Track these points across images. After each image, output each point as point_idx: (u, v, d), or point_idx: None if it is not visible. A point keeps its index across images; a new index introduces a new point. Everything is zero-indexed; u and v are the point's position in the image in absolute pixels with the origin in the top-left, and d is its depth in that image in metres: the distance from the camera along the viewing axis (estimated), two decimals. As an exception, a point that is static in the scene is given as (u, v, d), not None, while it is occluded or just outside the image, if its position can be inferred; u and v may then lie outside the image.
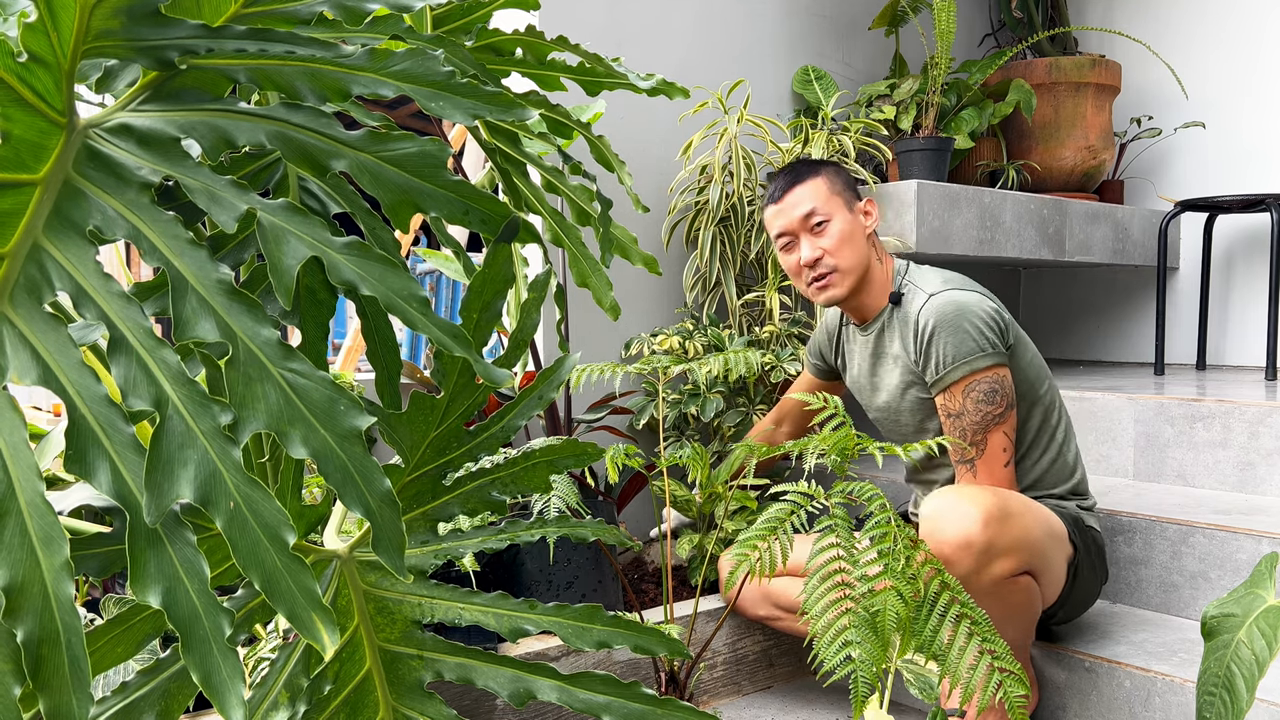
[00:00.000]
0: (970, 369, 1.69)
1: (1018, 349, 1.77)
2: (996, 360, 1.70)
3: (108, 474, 0.59)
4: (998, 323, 1.73)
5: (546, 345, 2.44)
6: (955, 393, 1.72)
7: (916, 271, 1.86)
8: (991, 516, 1.53)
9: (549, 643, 1.77)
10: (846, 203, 1.85)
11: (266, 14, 0.74)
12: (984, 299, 1.74)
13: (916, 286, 1.81)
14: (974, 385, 1.70)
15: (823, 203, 1.83)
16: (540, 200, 1.07)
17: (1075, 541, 1.71)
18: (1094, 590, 1.79)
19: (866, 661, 1.10)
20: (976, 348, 1.69)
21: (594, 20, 2.51)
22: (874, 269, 1.86)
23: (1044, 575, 1.64)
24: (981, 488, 1.61)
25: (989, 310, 1.73)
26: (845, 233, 1.83)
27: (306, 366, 0.62)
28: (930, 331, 1.73)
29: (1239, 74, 3.33)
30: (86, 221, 0.65)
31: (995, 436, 1.71)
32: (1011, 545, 1.55)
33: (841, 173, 1.87)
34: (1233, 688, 0.92)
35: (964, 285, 1.78)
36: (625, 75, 0.97)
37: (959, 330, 1.70)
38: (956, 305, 1.72)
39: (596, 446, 1.02)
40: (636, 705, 0.91)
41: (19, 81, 0.64)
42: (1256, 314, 3.30)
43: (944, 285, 1.77)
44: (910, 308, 1.79)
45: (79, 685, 0.55)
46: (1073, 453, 1.84)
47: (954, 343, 1.70)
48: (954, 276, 1.80)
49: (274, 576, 0.59)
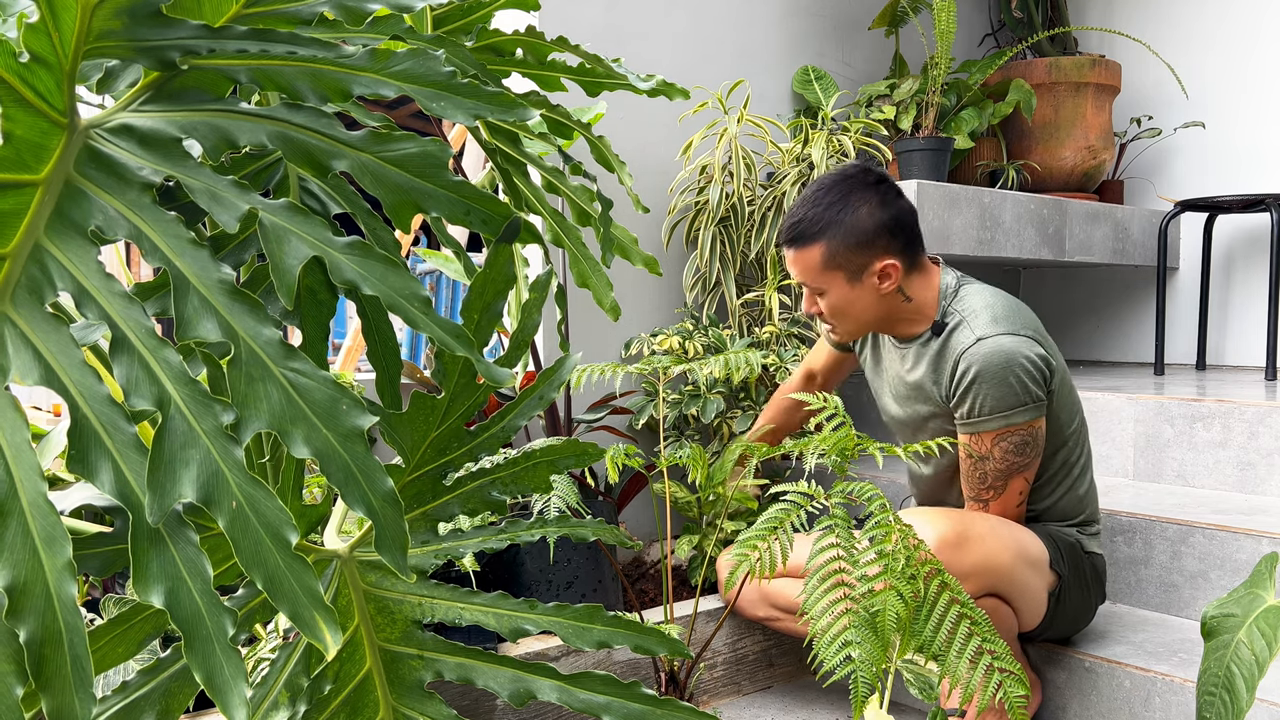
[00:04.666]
0: (1007, 422, 1.62)
1: (1057, 393, 1.69)
2: (1034, 415, 1.62)
3: (110, 474, 0.59)
4: (1043, 373, 1.63)
5: (547, 345, 2.44)
6: (985, 439, 1.64)
7: (968, 297, 1.70)
8: (945, 542, 1.52)
9: (549, 643, 1.77)
10: (850, 273, 1.66)
11: (268, 14, 0.74)
12: (1033, 344, 1.63)
13: (965, 321, 1.66)
14: (1007, 436, 1.63)
15: (814, 277, 1.68)
16: (541, 201, 1.07)
17: (1060, 569, 1.68)
18: (1085, 614, 1.76)
19: (866, 662, 1.10)
20: (1018, 402, 1.61)
21: (593, 20, 2.51)
22: (898, 313, 1.73)
23: (1017, 600, 1.62)
24: (943, 512, 1.60)
25: (1036, 359, 1.62)
26: (841, 305, 1.69)
27: (308, 366, 0.62)
28: (972, 379, 1.62)
29: (1239, 74, 3.33)
30: (88, 222, 0.65)
31: (1016, 482, 1.66)
32: (969, 570, 1.54)
33: (851, 233, 1.64)
34: (1233, 688, 0.92)
35: (1014, 327, 1.64)
36: (625, 76, 0.97)
37: (1003, 383, 1.60)
38: (1005, 355, 1.60)
39: (597, 446, 1.02)
40: (636, 705, 0.91)
41: (20, 82, 0.64)
42: (1256, 314, 3.30)
43: (993, 329, 1.63)
44: (954, 345, 1.66)
45: (81, 685, 0.56)
46: (1085, 486, 1.78)
47: (995, 395, 1.61)
48: (1004, 313, 1.66)
49: (277, 576, 0.59)
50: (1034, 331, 1.66)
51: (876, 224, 1.65)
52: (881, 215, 1.65)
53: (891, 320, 1.74)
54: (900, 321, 1.74)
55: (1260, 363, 3.28)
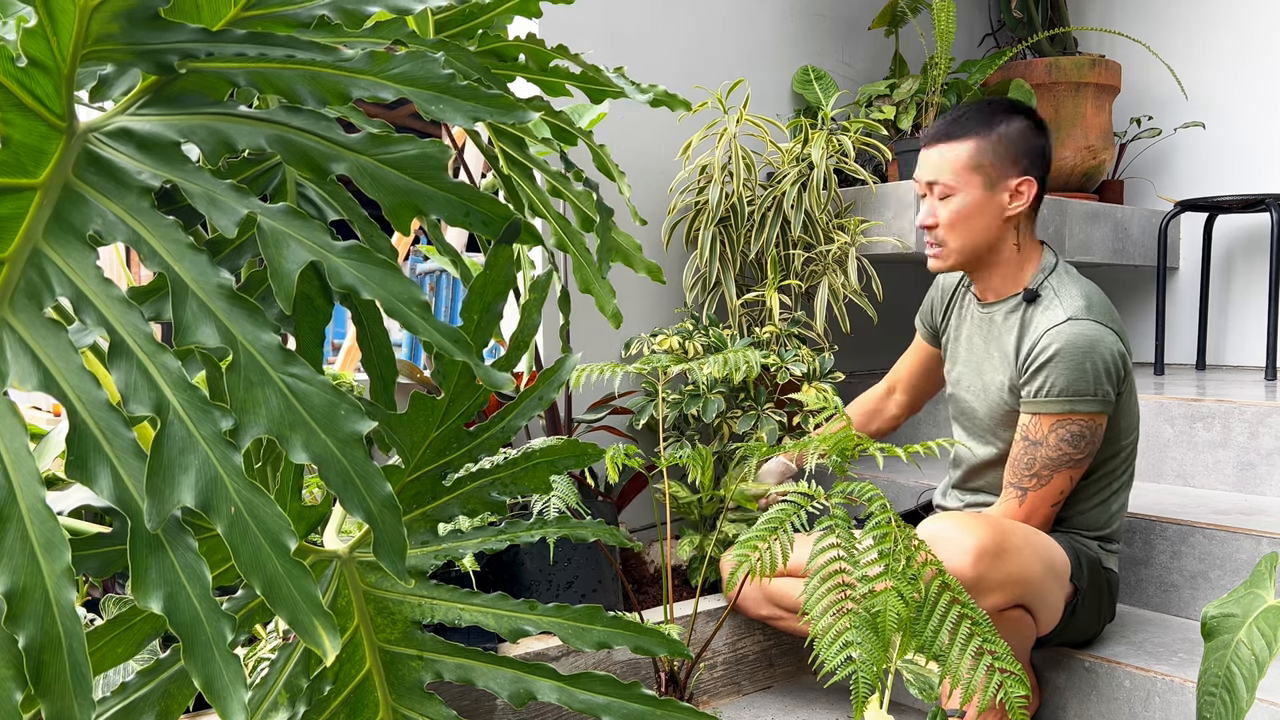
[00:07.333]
0: (1072, 408, 1.61)
1: (1124, 397, 1.69)
2: (1099, 409, 1.62)
3: (109, 479, 0.59)
4: (1119, 370, 1.64)
5: (547, 346, 2.44)
6: (1044, 422, 1.63)
7: (1063, 278, 1.71)
8: (985, 551, 1.50)
9: (549, 643, 1.78)
10: (989, 179, 1.68)
11: (266, 17, 0.74)
12: (1117, 340, 1.64)
13: (1057, 297, 1.68)
14: (1066, 424, 1.62)
15: (952, 175, 1.68)
16: (546, 205, 1.07)
17: (1078, 582, 1.67)
18: (1093, 628, 1.76)
19: (867, 662, 1.10)
20: (1088, 390, 1.60)
21: (593, 20, 2.51)
22: (1003, 254, 1.73)
23: (1040, 611, 1.61)
24: (983, 519, 1.56)
25: (1117, 354, 1.63)
26: (965, 212, 1.68)
27: (307, 371, 0.62)
28: (1050, 356, 1.62)
29: (1239, 74, 3.32)
30: (87, 226, 0.65)
31: (1060, 478, 1.64)
32: (1003, 581, 1.51)
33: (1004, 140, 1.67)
34: (1233, 688, 0.92)
35: (1103, 317, 1.64)
36: (622, 88, 0.97)
37: (1079, 368, 1.60)
38: (1089, 341, 1.61)
39: (596, 447, 1.02)
40: (636, 706, 0.91)
41: (19, 86, 0.64)
42: (1256, 314, 3.30)
43: (1085, 312, 1.63)
44: (1040, 319, 1.67)
45: (80, 690, 0.56)
46: (1119, 506, 1.77)
47: (1069, 376, 1.60)
48: (1098, 300, 1.68)
49: (275, 582, 0.59)
50: (1121, 330, 1.67)
51: (1028, 142, 1.69)
52: (1033, 137, 1.70)
53: (993, 261, 1.74)
54: (999, 267, 1.74)
55: (1260, 363, 3.28)
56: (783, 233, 2.47)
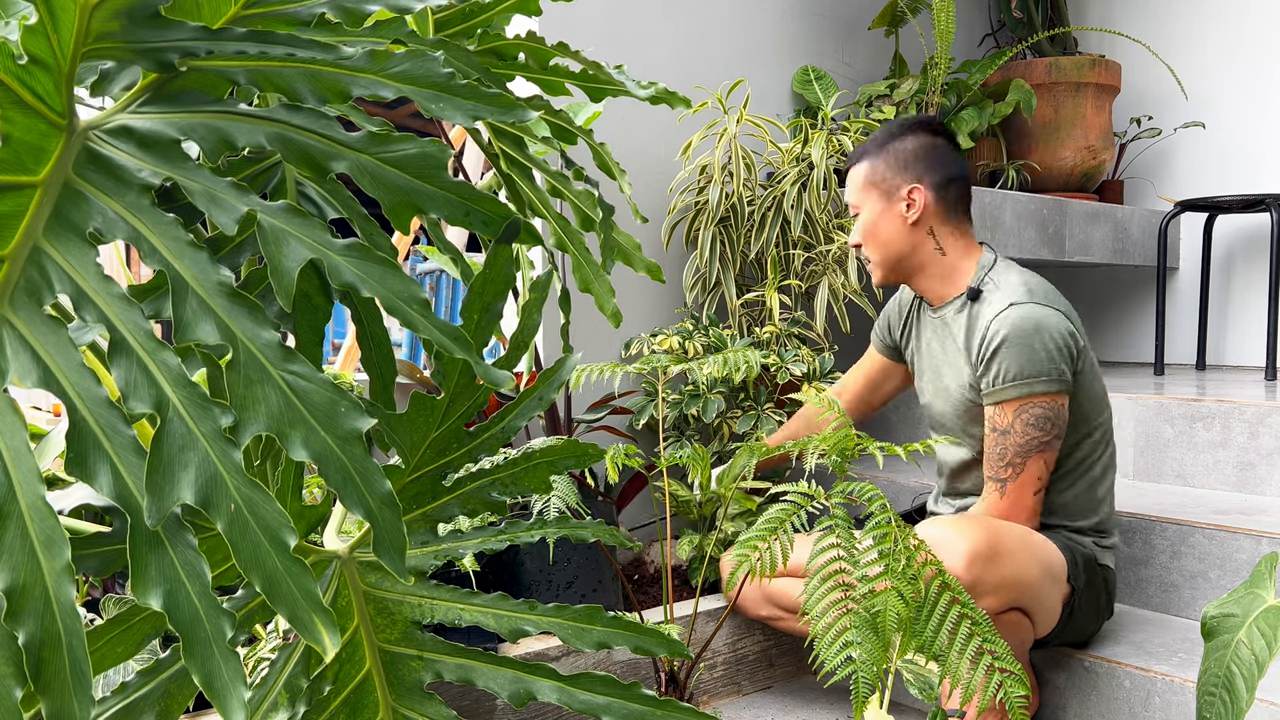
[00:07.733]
0: (1030, 390, 1.63)
1: (1084, 378, 1.70)
2: (1059, 388, 1.64)
3: (108, 476, 0.59)
4: (1071, 348, 1.66)
5: (547, 346, 2.44)
6: (1007, 410, 1.65)
7: (1003, 271, 1.76)
8: (978, 555, 1.50)
9: (549, 643, 1.77)
10: (882, 192, 1.78)
11: (266, 16, 0.74)
12: (1064, 319, 1.67)
13: (998, 288, 1.72)
14: (1028, 407, 1.64)
15: (855, 194, 1.81)
16: (546, 205, 1.07)
17: (1075, 583, 1.67)
18: (1092, 626, 1.76)
19: (867, 662, 1.10)
20: (1041, 371, 1.62)
21: (593, 19, 2.51)
22: (924, 258, 1.79)
23: (1037, 613, 1.61)
24: (977, 522, 1.57)
25: (1065, 333, 1.65)
26: (870, 227, 1.79)
27: (307, 369, 0.62)
28: (999, 343, 1.65)
29: (1239, 74, 3.33)
30: (87, 224, 0.65)
31: (1034, 463, 1.65)
32: (998, 584, 1.51)
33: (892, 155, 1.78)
34: (1233, 688, 0.92)
35: (1046, 299, 1.68)
36: (624, 83, 0.97)
37: (1029, 348, 1.63)
38: (1034, 322, 1.64)
39: (597, 447, 1.02)
40: (636, 706, 0.91)
41: (19, 84, 0.64)
42: (1256, 314, 3.30)
43: (1026, 296, 1.67)
44: (985, 310, 1.71)
45: (80, 687, 0.56)
46: (1105, 488, 1.78)
47: (1020, 360, 1.63)
48: (1039, 286, 1.72)
49: (275, 579, 0.59)
50: (1069, 311, 1.70)
51: (919, 153, 1.78)
52: (928, 148, 1.79)
53: (918, 267, 1.81)
54: (932, 277, 1.81)
55: (1260, 363, 3.28)
56: (783, 233, 2.47)
